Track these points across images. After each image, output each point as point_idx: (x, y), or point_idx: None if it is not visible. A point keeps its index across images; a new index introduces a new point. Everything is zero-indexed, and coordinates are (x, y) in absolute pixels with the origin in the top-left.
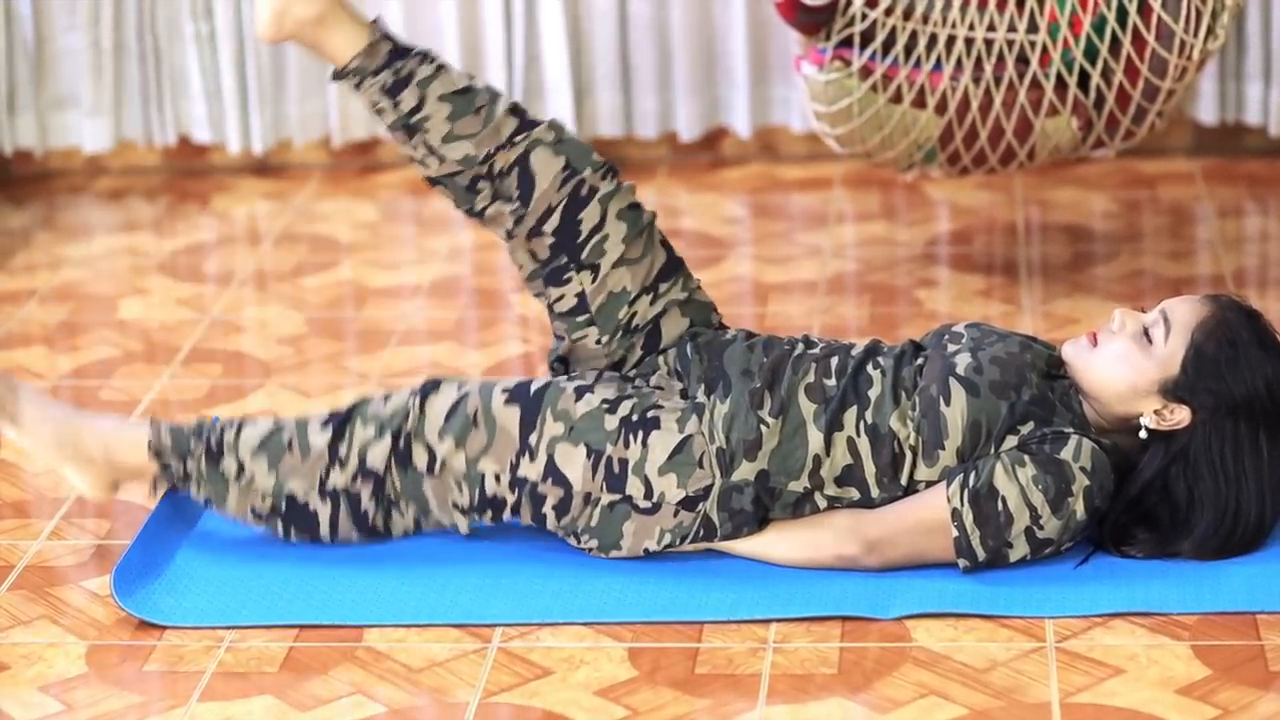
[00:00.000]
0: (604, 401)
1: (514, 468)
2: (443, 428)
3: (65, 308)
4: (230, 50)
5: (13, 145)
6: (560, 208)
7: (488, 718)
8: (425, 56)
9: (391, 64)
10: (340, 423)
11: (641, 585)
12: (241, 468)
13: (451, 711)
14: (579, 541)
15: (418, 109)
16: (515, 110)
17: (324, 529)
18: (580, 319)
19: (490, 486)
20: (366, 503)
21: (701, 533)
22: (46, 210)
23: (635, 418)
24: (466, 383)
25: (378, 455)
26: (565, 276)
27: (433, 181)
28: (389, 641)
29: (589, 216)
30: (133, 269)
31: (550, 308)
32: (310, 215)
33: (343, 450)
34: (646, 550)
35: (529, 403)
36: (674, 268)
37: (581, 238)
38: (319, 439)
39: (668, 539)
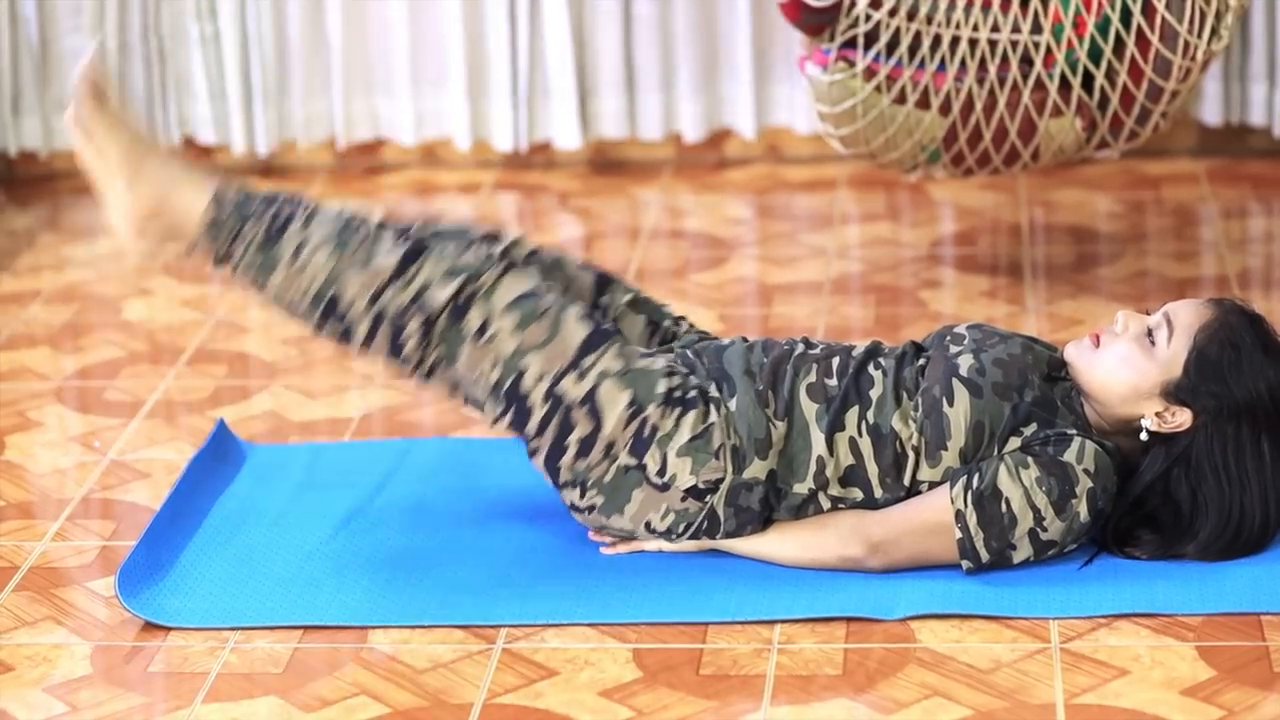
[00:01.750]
0: (667, 366)
1: (558, 378)
2: (510, 304)
3: (70, 308)
4: (235, 51)
5: (17, 146)
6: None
7: (492, 719)
8: (294, 204)
9: (255, 213)
10: (414, 250)
11: (646, 586)
12: (300, 249)
13: (456, 713)
14: (582, 496)
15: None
16: (384, 225)
17: (357, 340)
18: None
19: (526, 384)
20: (409, 334)
21: (706, 525)
22: (51, 211)
23: (679, 394)
24: (551, 284)
25: (439, 297)
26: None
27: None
28: (393, 642)
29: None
30: (137, 270)
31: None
32: None
33: (410, 273)
34: (649, 524)
35: (600, 330)
36: (602, 288)
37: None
38: (389, 256)
39: (672, 519)
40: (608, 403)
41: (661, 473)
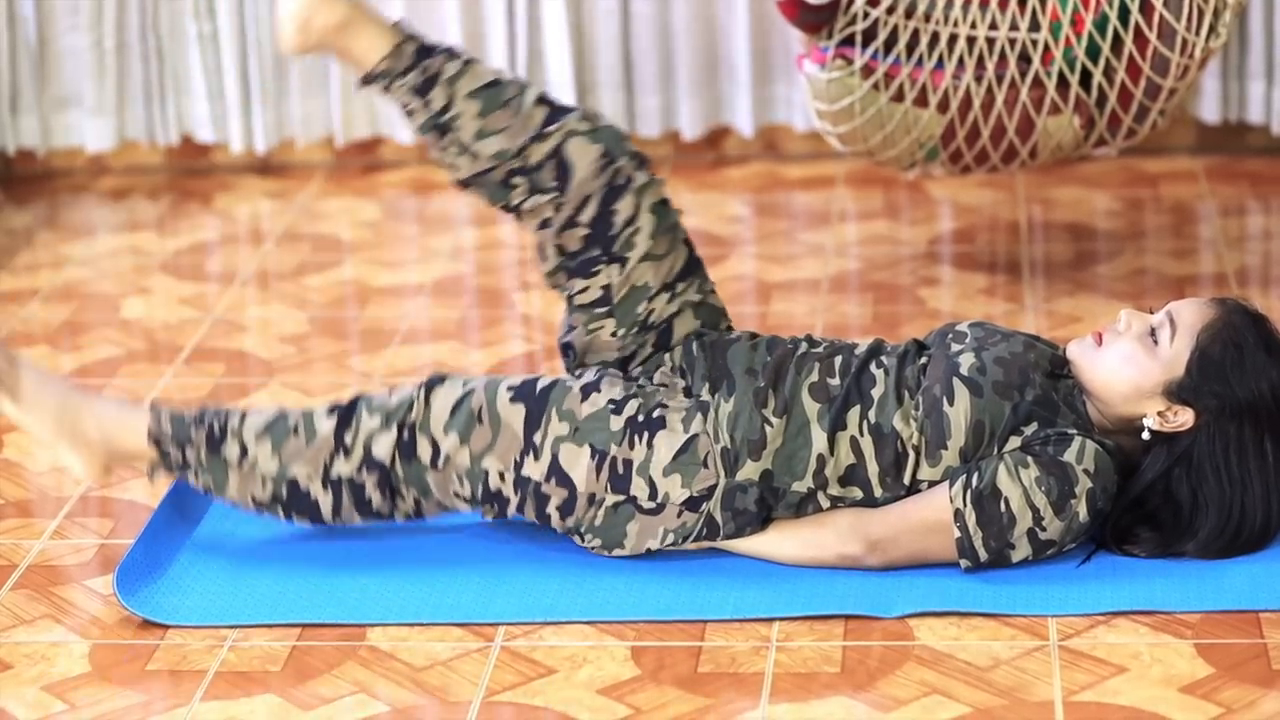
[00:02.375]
0: (610, 401)
1: (518, 466)
2: (448, 422)
3: (68, 307)
4: (233, 50)
5: (16, 145)
6: (597, 198)
7: (491, 717)
8: (451, 54)
9: (418, 64)
10: (346, 411)
11: (645, 584)
12: (244, 452)
13: (454, 711)
14: (583, 540)
15: (447, 108)
16: (544, 100)
17: (326, 515)
18: (600, 311)
19: (494, 483)
20: (371, 491)
21: (705, 532)
22: (49, 210)
23: (641, 418)
24: (472, 379)
25: (383, 446)
26: (594, 269)
27: (464, 184)
28: (392, 640)
29: (624, 208)
30: (135, 268)
31: (571, 299)
32: (313, 214)
33: (348, 438)
34: (649, 549)
35: (534, 401)
36: (693, 268)
37: (615, 230)
38: (324, 425)
39: (671, 538)
40: (570, 465)
41: (653, 496)
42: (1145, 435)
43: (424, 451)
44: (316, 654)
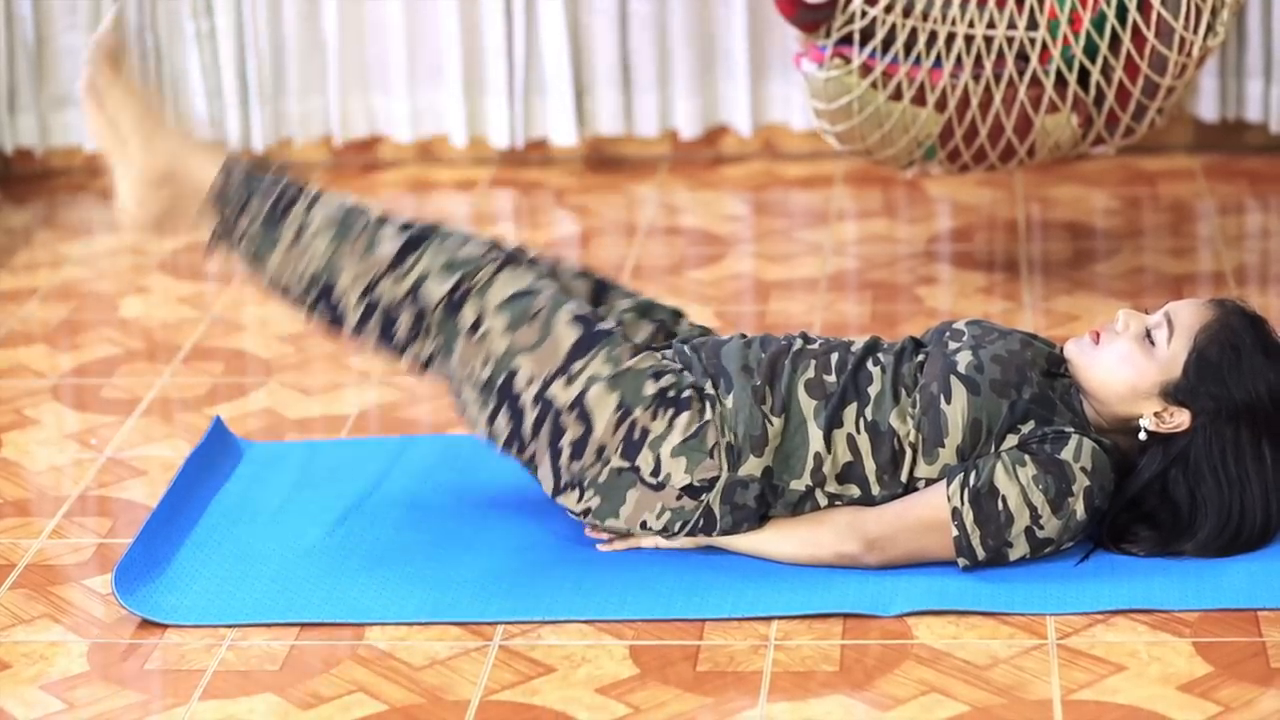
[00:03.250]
0: (653, 367)
1: (547, 383)
2: (502, 304)
3: (66, 306)
4: (231, 48)
5: (13, 144)
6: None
7: (489, 716)
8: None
9: (253, 191)
10: (416, 238)
11: (643, 583)
12: (301, 232)
13: (453, 709)
14: (581, 497)
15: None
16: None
17: (348, 328)
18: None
19: (518, 385)
20: (400, 325)
21: (701, 523)
22: (47, 209)
23: (672, 394)
24: (544, 282)
25: (434, 291)
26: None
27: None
28: (390, 640)
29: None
30: (134, 267)
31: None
32: None
33: (407, 265)
34: (645, 523)
35: (591, 333)
36: (602, 296)
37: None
38: (388, 245)
39: (668, 517)
40: (596, 406)
41: (655, 473)
42: (1142, 436)
43: (467, 316)
44: (315, 653)
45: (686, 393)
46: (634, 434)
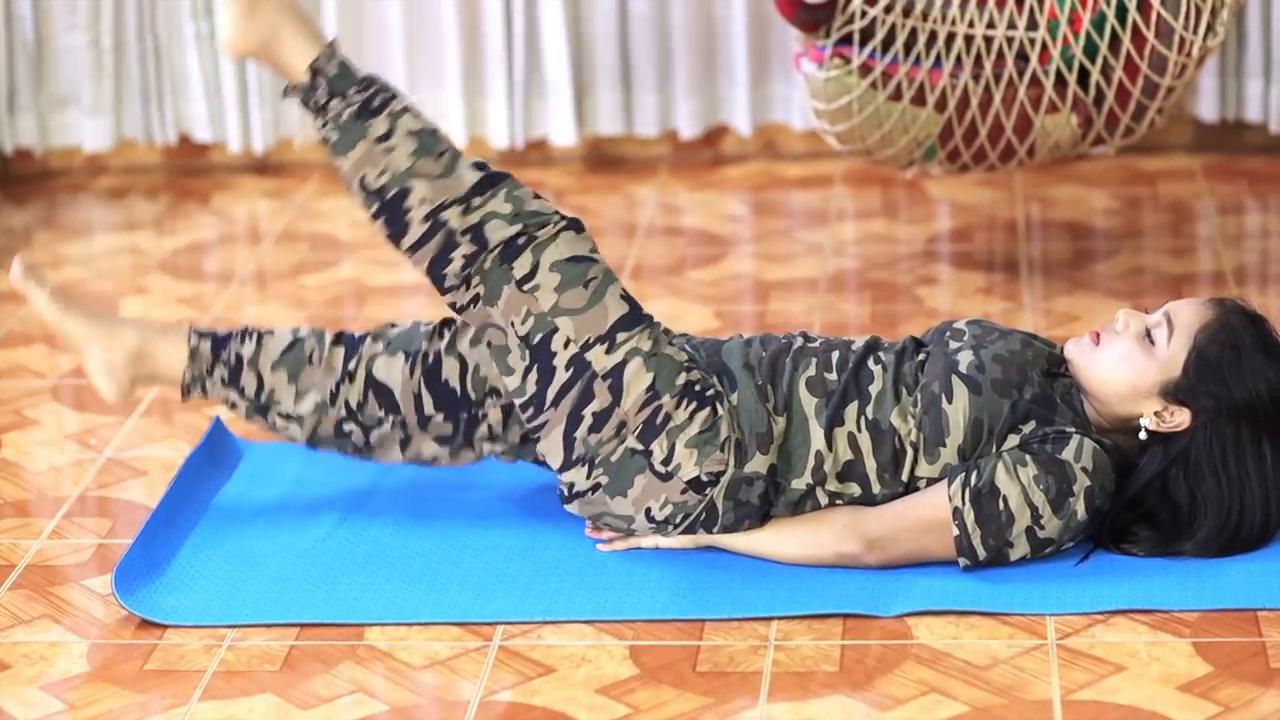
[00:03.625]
0: (686, 359)
1: (587, 345)
2: (558, 263)
3: None
4: None
5: (13, 144)
6: (424, 388)
7: (489, 716)
8: (244, 334)
9: (219, 358)
10: (492, 178)
11: (643, 583)
12: (388, 135)
13: (453, 710)
14: (590, 474)
15: (260, 387)
16: (340, 339)
17: (406, 241)
18: (525, 415)
19: (556, 344)
20: (457, 254)
21: (704, 517)
22: (47, 209)
23: (698, 388)
24: (600, 257)
25: (496, 232)
26: (480, 415)
27: (311, 445)
28: (390, 640)
29: (449, 370)
30: (133, 268)
31: (501, 448)
32: (311, 214)
33: (477, 201)
34: (648, 511)
35: (637, 313)
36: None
37: (459, 391)
38: (469, 174)
39: (670, 510)
40: (631, 380)
41: (666, 462)
42: (1142, 435)
43: (521, 266)
44: (315, 654)
45: (710, 391)
46: (656, 418)
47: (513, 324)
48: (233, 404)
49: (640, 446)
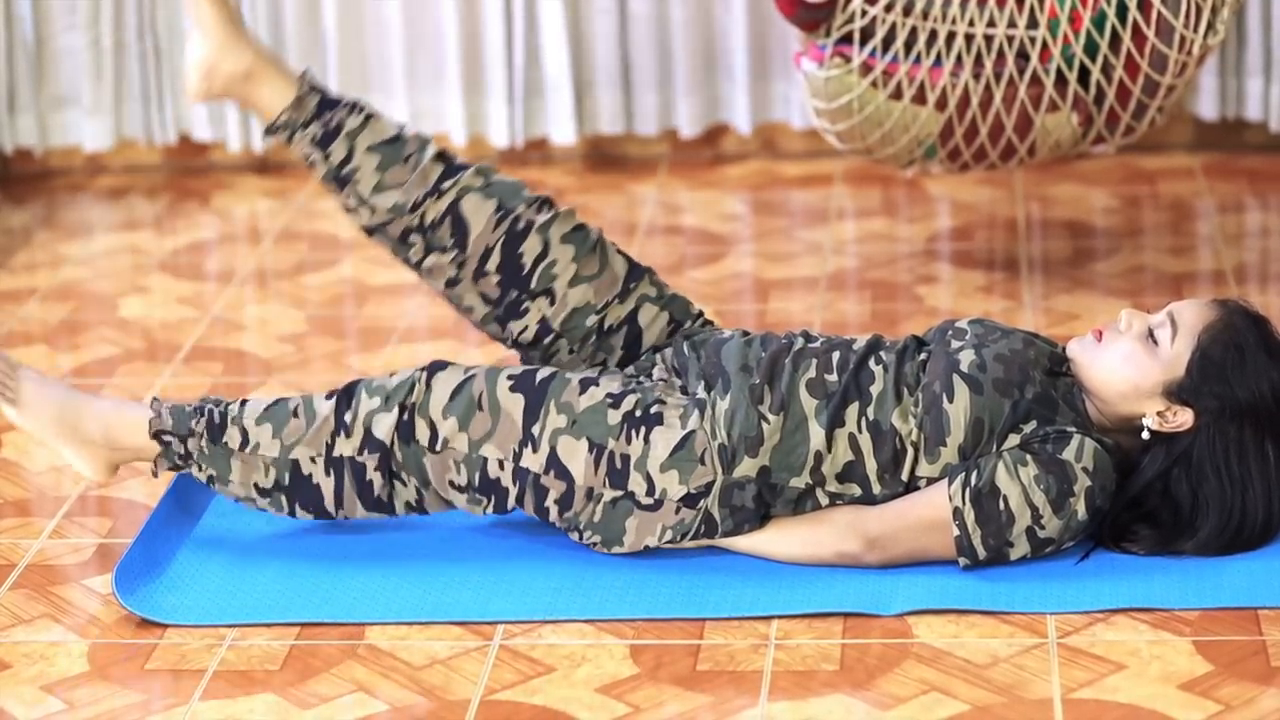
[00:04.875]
0: (608, 395)
1: (516, 457)
2: (447, 406)
3: (66, 306)
4: None
5: (13, 144)
6: (499, 246)
7: (490, 715)
8: (354, 107)
9: (320, 115)
10: (344, 393)
11: (643, 582)
12: (246, 437)
13: (453, 709)
14: (581, 537)
15: (347, 160)
16: (442, 157)
17: (329, 502)
18: (546, 340)
19: (493, 471)
20: (372, 474)
21: (703, 529)
22: (47, 209)
23: (639, 413)
24: (473, 367)
25: (383, 426)
26: (523, 308)
27: (368, 231)
28: (391, 639)
29: (530, 248)
30: (133, 267)
31: (516, 344)
32: (311, 213)
33: (348, 418)
34: (648, 546)
35: (533, 393)
36: (639, 272)
37: (527, 269)
38: (324, 406)
39: (669, 535)
40: (569, 458)
41: (650, 492)
42: (1145, 435)
43: (422, 434)
44: (315, 653)
45: (654, 408)
46: (616, 463)
47: (453, 484)
48: (312, 163)
49: (619, 493)
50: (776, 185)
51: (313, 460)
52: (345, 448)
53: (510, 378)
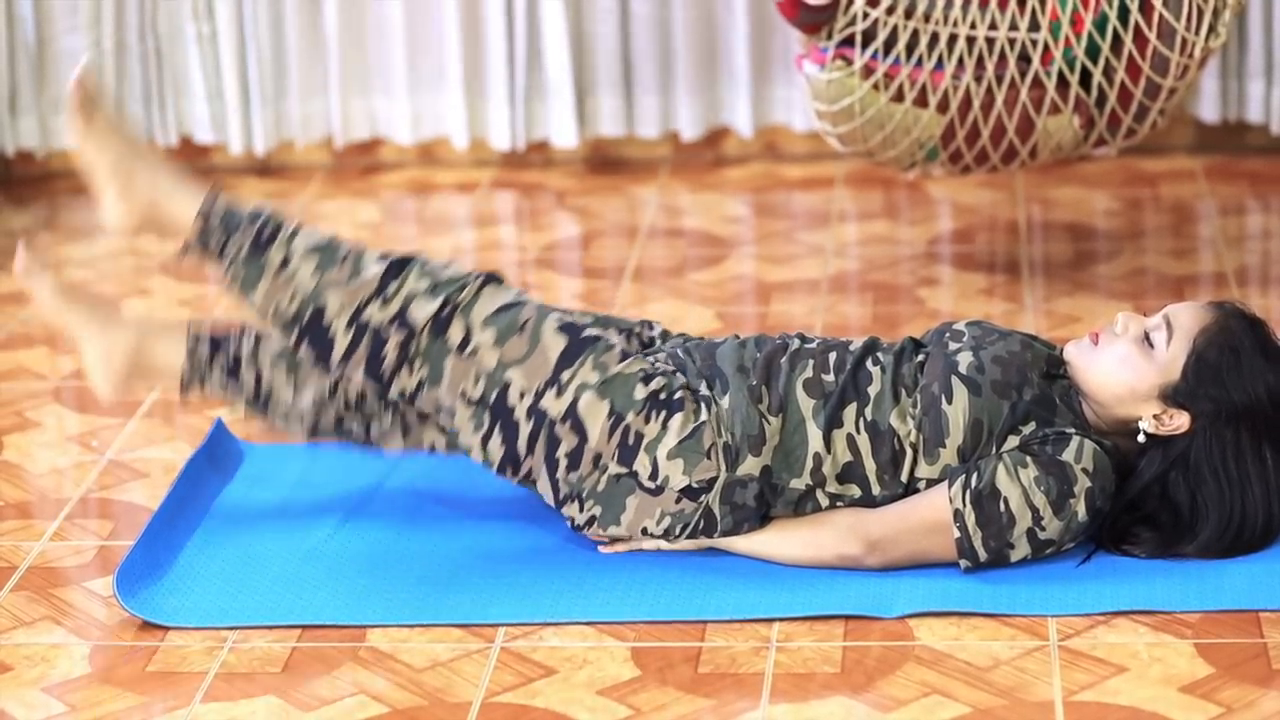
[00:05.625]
0: (642, 370)
1: (539, 394)
2: (490, 317)
3: None
4: (232, 51)
5: (15, 146)
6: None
7: (491, 717)
8: (242, 333)
9: (214, 358)
10: (399, 263)
11: (644, 585)
12: (286, 261)
13: (454, 711)
14: (581, 508)
15: (259, 385)
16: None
17: (335, 356)
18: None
19: (512, 399)
20: (389, 348)
21: (702, 524)
22: (49, 211)
23: (663, 395)
24: (527, 296)
25: (422, 310)
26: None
27: (312, 440)
28: (392, 641)
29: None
30: (135, 269)
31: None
32: (312, 215)
33: (391, 288)
34: (645, 529)
35: (576, 340)
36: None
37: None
38: (373, 267)
39: (668, 522)
40: (589, 415)
41: (654, 476)
42: (1141, 438)
43: (456, 333)
44: (316, 655)
45: (679, 394)
46: (629, 439)
47: (464, 393)
48: (232, 402)
49: (624, 470)
50: (778, 188)
51: (339, 313)
52: (377, 315)
53: (559, 319)
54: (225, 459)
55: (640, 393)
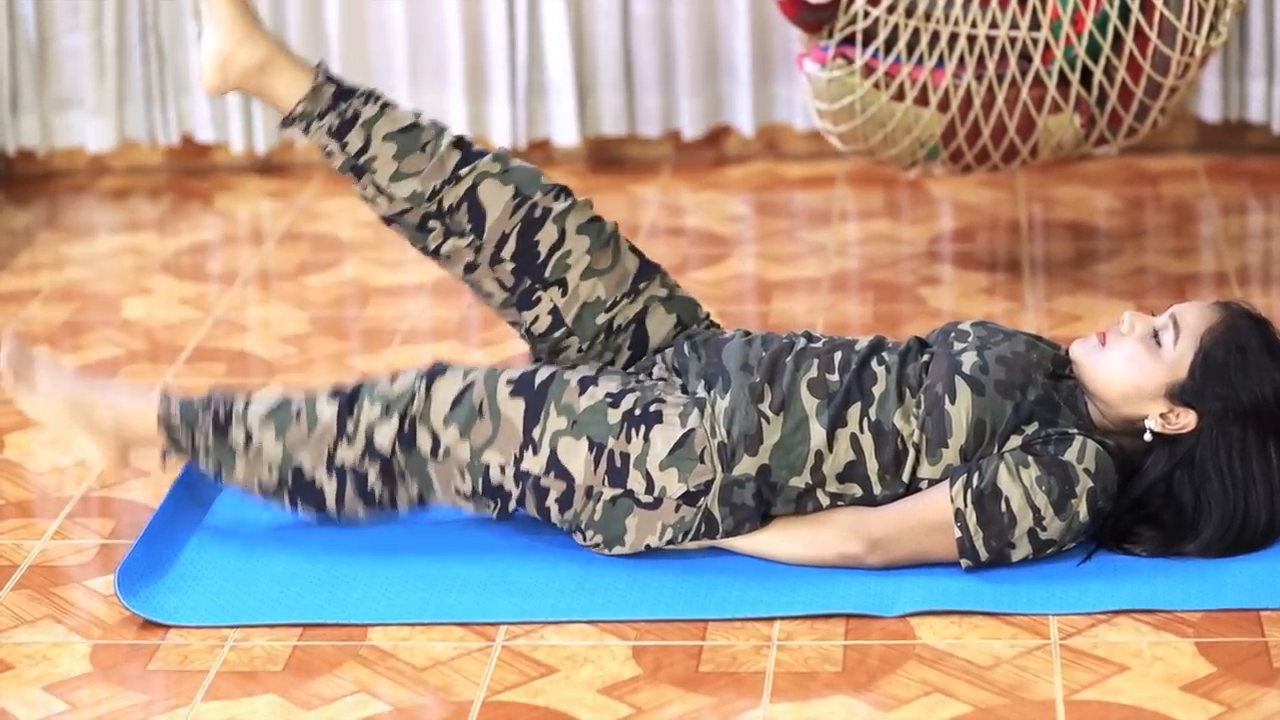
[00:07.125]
0: (607, 395)
1: (517, 460)
2: (448, 415)
3: (69, 307)
4: None
5: (16, 145)
6: (515, 233)
7: (492, 716)
8: (370, 96)
9: (336, 106)
10: (348, 399)
11: (645, 583)
12: (249, 437)
13: (456, 710)
14: (584, 538)
15: (364, 149)
16: (460, 144)
17: (330, 503)
18: (558, 334)
19: (495, 477)
20: (374, 481)
21: (704, 528)
22: (50, 210)
23: (638, 412)
24: (472, 370)
25: (385, 436)
26: (534, 297)
27: (386, 220)
28: (393, 640)
29: (546, 236)
30: (136, 268)
31: (529, 333)
32: (313, 214)
33: (350, 427)
34: (649, 545)
35: (533, 395)
36: (649, 271)
37: (541, 258)
38: (327, 412)
39: (670, 534)
40: (569, 458)
41: (650, 490)
42: (1147, 437)
43: (424, 443)
44: (318, 654)
45: (654, 406)
46: (615, 462)
47: (458, 491)
48: (330, 153)
49: (618, 491)
50: (779, 186)
51: (314, 465)
52: (347, 456)
53: (510, 382)
54: None
55: (614, 417)
